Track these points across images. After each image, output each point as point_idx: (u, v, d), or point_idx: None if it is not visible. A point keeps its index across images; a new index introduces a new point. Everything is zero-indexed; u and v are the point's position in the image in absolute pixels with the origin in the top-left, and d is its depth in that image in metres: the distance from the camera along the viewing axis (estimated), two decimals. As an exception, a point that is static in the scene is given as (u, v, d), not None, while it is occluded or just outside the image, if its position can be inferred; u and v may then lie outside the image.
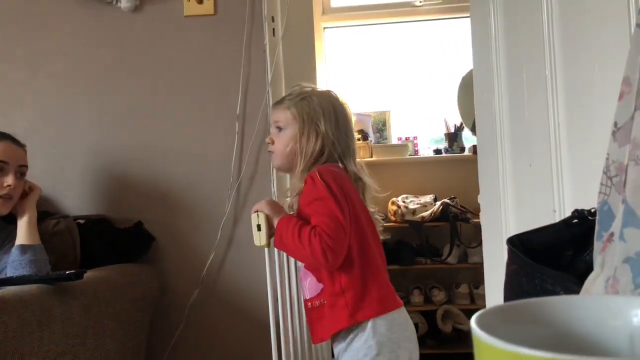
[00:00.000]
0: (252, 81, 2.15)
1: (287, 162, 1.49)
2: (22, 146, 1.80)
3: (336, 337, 1.40)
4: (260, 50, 2.15)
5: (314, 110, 1.46)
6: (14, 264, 1.63)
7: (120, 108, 2.20)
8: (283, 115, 1.48)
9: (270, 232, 1.42)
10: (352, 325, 1.37)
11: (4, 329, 1.24)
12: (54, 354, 1.41)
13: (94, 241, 1.96)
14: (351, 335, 1.37)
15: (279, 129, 1.50)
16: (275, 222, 1.40)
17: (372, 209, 1.50)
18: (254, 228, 1.41)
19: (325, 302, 1.40)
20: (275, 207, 1.45)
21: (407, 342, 1.38)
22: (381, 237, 1.52)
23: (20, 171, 1.75)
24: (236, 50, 2.14)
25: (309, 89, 1.53)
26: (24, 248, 1.66)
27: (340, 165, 1.46)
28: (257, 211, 1.44)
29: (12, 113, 2.22)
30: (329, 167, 1.42)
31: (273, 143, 1.51)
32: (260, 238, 1.41)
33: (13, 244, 1.70)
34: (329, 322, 1.39)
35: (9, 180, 1.69)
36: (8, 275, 1.62)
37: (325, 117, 1.45)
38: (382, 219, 1.57)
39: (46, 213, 1.93)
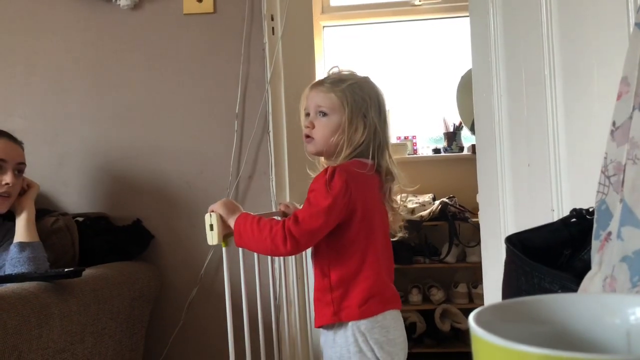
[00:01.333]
0: (251, 80, 2.15)
1: (328, 149, 1.40)
2: (19, 143, 1.80)
3: (324, 327, 1.42)
4: (259, 49, 2.15)
5: (362, 98, 1.38)
6: (13, 262, 1.63)
7: (119, 106, 2.19)
8: (328, 100, 1.38)
9: (225, 232, 1.40)
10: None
11: (3, 326, 1.24)
12: (52, 351, 1.41)
13: (93, 239, 1.96)
14: (334, 329, 1.38)
15: (322, 113, 1.39)
16: (231, 221, 1.38)
17: (395, 204, 1.46)
18: (207, 228, 1.39)
19: (314, 294, 1.42)
20: (231, 207, 1.41)
21: (390, 346, 1.37)
22: (399, 234, 1.51)
23: (18, 168, 1.75)
24: (235, 48, 2.14)
25: (348, 74, 1.45)
26: (22, 245, 1.66)
27: (370, 160, 1.38)
28: (212, 212, 1.41)
29: (10, 110, 2.22)
30: (352, 165, 1.36)
31: (314, 127, 1.40)
32: (212, 238, 1.40)
33: (12, 242, 1.70)
34: (317, 314, 1.41)
35: (7, 178, 1.69)
36: (7, 272, 1.62)
37: (373, 107, 1.39)
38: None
39: (45, 210, 1.93)
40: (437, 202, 3.18)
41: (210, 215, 1.40)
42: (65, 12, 2.22)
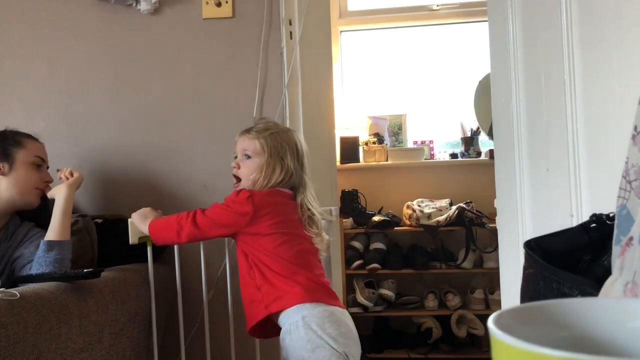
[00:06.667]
0: (269, 84, 2.16)
1: (251, 185, 1.66)
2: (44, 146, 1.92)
3: (282, 335, 1.54)
4: (277, 53, 2.16)
5: (280, 145, 1.66)
6: (40, 260, 1.66)
7: (138, 109, 2.22)
8: (252, 145, 1.67)
9: (140, 235, 1.71)
10: (283, 317, 1.52)
11: (24, 325, 1.26)
12: (71, 351, 1.43)
13: (111, 241, 1.98)
14: (290, 334, 1.50)
15: (247, 156, 1.68)
16: (143, 227, 1.68)
17: (315, 230, 1.67)
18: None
19: (244, 300, 1.62)
20: (143, 215, 1.72)
21: (344, 338, 1.50)
22: (324, 254, 1.72)
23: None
24: (253, 52, 2.16)
25: (273, 125, 1.74)
26: (50, 245, 1.67)
27: (290, 191, 1.67)
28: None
29: (32, 113, 2.25)
30: (267, 191, 1.63)
31: (239, 168, 1.69)
32: (130, 238, 1.73)
33: (32, 240, 1.74)
34: (250, 315, 1.60)
35: (48, 176, 1.85)
36: (33, 270, 1.65)
37: (290, 153, 1.66)
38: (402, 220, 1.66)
39: (65, 212, 1.95)
40: (454, 207, 3.16)
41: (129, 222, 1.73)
42: (85, 16, 2.25)
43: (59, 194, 1.78)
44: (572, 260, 0.80)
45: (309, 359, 1.47)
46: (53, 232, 1.71)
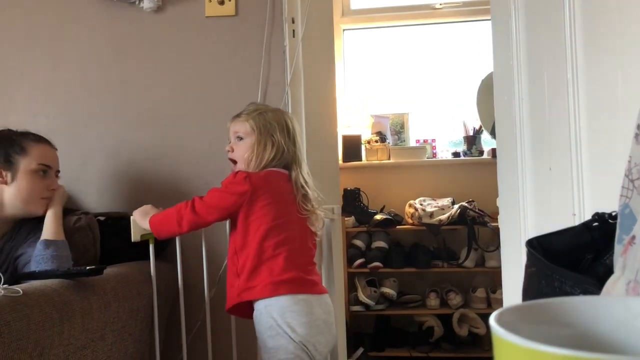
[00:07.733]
0: (272, 82, 2.16)
1: (246, 164, 1.72)
2: (55, 149, 1.87)
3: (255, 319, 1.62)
4: (280, 52, 2.16)
5: (269, 123, 1.71)
6: (37, 258, 1.66)
7: (141, 107, 2.22)
8: (243, 127, 1.73)
9: (143, 232, 1.75)
10: (253, 302, 1.61)
11: (27, 322, 1.26)
12: (74, 348, 1.43)
13: (114, 238, 1.98)
14: (257, 318, 1.59)
15: (239, 138, 1.74)
16: (144, 223, 1.71)
17: (310, 208, 1.71)
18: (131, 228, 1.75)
19: (227, 281, 1.69)
20: (145, 212, 1.74)
21: (305, 328, 1.54)
22: (319, 233, 1.77)
23: (57, 176, 1.85)
24: (256, 51, 2.16)
25: (262, 106, 1.80)
26: (47, 243, 1.69)
27: (284, 170, 1.71)
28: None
29: (35, 110, 2.25)
30: (264, 172, 1.67)
31: (233, 151, 1.75)
32: (132, 236, 1.75)
33: (37, 238, 1.74)
34: (228, 297, 1.67)
35: (54, 183, 1.80)
36: (32, 269, 1.65)
37: (280, 130, 1.71)
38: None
39: (67, 210, 1.95)
40: (456, 206, 3.16)
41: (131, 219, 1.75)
42: (88, 14, 2.25)
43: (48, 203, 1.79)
44: (574, 259, 0.80)
45: (266, 343, 1.56)
46: (47, 233, 1.73)
